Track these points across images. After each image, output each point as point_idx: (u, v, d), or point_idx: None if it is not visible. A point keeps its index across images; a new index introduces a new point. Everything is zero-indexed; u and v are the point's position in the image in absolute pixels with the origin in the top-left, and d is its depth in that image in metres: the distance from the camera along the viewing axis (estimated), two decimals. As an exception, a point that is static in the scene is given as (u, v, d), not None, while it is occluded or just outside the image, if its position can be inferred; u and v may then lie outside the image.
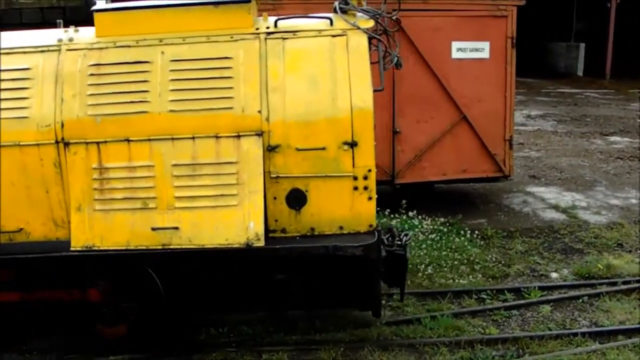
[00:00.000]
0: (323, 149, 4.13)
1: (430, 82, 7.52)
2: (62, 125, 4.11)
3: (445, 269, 6.19)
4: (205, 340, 4.82)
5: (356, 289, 4.63)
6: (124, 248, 4.14)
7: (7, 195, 4.21)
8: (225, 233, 4.10)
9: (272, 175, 4.18)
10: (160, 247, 4.13)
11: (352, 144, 4.13)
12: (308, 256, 4.17)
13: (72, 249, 4.15)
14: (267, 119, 4.10)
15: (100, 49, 4.21)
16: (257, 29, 4.24)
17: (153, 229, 4.13)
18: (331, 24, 4.25)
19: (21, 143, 4.13)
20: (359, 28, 4.20)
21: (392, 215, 7.30)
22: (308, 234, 4.30)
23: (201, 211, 4.13)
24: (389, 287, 5.05)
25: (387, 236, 4.95)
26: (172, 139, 4.11)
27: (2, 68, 4.19)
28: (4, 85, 4.16)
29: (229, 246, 4.08)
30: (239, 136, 4.11)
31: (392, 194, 7.71)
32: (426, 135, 7.60)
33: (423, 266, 6.17)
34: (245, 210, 4.10)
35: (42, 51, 4.23)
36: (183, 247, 4.11)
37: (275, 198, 4.24)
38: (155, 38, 4.22)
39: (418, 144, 7.59)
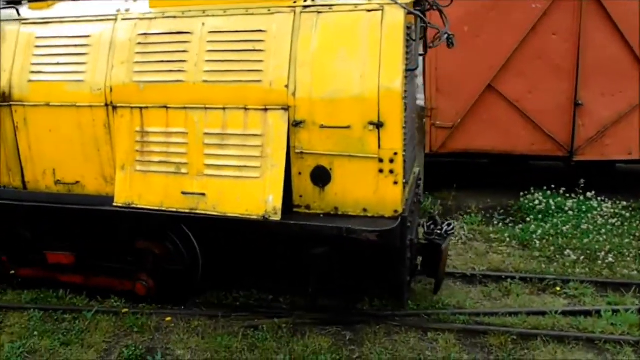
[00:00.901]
0: (348, 127, 4.08)
1: (621, 52, 7.11)
2: (111, 90, 4.51)
3: (629, 258, 5.81)
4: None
5: (380, 274, 4.58)
6: (157, 208, 4.47)
7: (66, 150, 4.74)
8: (245, 204, 4.25)
9: (297, 151, 4.23)
10: (188, 211, 4.39)
11: (378, 125, 4.03)
12: (322, 236, 4.17)
13: (114, 204, 4.57)
14: (294, 94, 4.14)
15: (150, 19, 4.52)
16: (295, 2, 4.26)
17: (183, 193, 4.40)
18: (367, -3, 4.14)
19: (77, 104, 4.60)
20: (396, 3, 4.04)
21: (567, 195, 7.10)
22: (332, 212, 4.32)
23: (226, 180, 4.31)
24: (428, 277, 4.91)
25: (429, 224, 4.82)
26: (205, 108, 4.32)
27: (67, 35, 4.67)
28: (68, 50, 4.65)
29: (248, 217, 4.23)
30: (266, 109, 4.20)
31: (568, 172, 7.49)
32: (612, 110, 7.24)
33: (603, 253, 5.86)
34: (267, 183, 4.21)
35: (102, 20, 4.64)
36: (208, 213, 4.34)
37: (300, 173, 4.30)
38: (200, 9, 4.43)
39: (602, 119, 7.26)
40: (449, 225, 4.84)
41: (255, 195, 4.24)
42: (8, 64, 4.75)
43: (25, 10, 4.93)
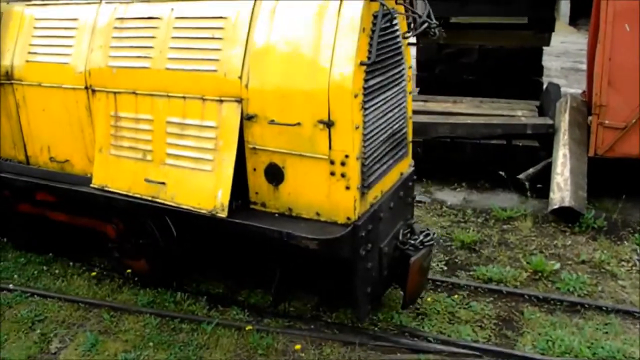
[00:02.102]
0: (298, 124, 3.88)
1: None
2: (90, 74, 4.67)
3: None
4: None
5: (336, 284, 4.37)
6: (125, 193, 4.60)
7: (57, 130, 5.03)
8: (198, 197, 4.23)
9: (250, 146, 4.12)
10: (150, 199, 4.47)
11: (328, 124, 3.78)
12: (266, 238, 4.04)
13: (91, 185, 4.77)
14: (247, 86, 4.01)
15: (128, 3, 4.59)
16: (258, -13, 4.08)
17: (146, 180, 4.48)
18: (330, -16, 3.85)
19: (63, 86, 4.83)
20: (353, -10, 3.72)
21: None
22: (286, 213, 4.17)
23: (184, 171, 4.32)
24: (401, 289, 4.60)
25: (405, 232, 4.49)
26: (168, 96, 4.33)
27: (59, 17, 4.90)
28: (58, 32, 4.88)
29: (199, 210, 4.21)
30: (221, 101, 4.12)
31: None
32: None
33: None
34: (217, 177, 4.15)
35: (89, 3, 4.79)
36: (166, 202, 4.38)
37: (254, 170, 4.19)
38: (169, -7, 4.41)
39: None
40: (426, 235, 4.47)
41: (207, 189, 4.20)
42: (12, 44, 5.10)
43: (28, -7, 5.24)
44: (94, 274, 5.44)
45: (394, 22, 4.13)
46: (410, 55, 4.69)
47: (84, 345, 4.49)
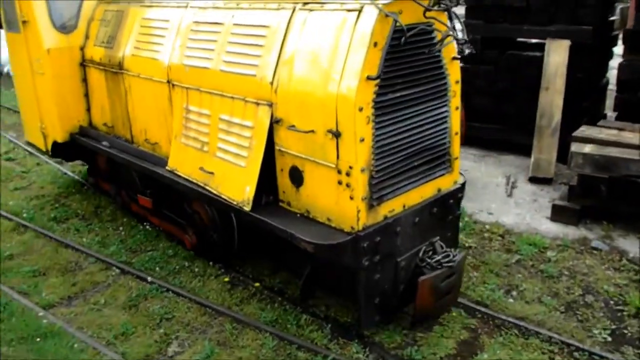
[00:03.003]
0: (312, 132, 4.16)
1: None
2: (171, 70, 5.39)
3: None
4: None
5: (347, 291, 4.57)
6: (187, 177, 5.28)
7: (149, 115, 5.90)
8: (233, 189, 4.74)
9: (278, 148, 4.50)
10: (203, 185, 5.08)
11: (336, 134, 4.01)
12: (277, 236, 4.39)
13: (166, 168, 5.54)
14: (276, 91, 4.37)
15: (204, 8, 5.21)
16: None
17: (200, 169, 5.10)
18: (354, -4, 4.04)
19: (154, 78, 5.64)
20: (372, 3, 3.86)
21: None
22: (305, 214, 4.48)
23: (227, 164, 4.85)
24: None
25: (427, 249, 4.54)
26: (222, 95, 4.87)
27: (157, 18, 5.71)
28: (154, 32, 5.70)
29: (232, 201, 4.71)
30: (257, 103, 4.54)
31: None
32: None
33: None
34: (248, 173, 4.60)
35: (179, 7, 5.52)
36: (212, 190, 4.96)
37: (282, 170, 4.56)
38: (235, 3, 4.93)
39: None
40: (446, 255, 4.43)
41: (240, 183, 4.68)
42: (126, 39, 6.06)
43: (148, -6, 6.14)
44: (227, 279, 5.54)
45: (425, 36, 4.14)
46: (460, 69, 4.62)
47: (200, 354, 4.54)
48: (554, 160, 7.62)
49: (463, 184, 4.93)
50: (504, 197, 7.35)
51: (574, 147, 6.51)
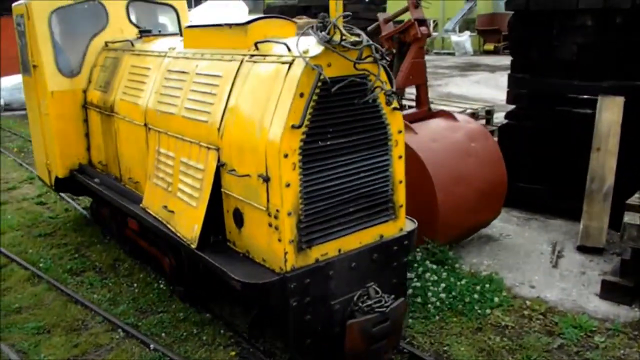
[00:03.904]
0: (248, 176, 4.50)
1: None
2: (147, 114, 5.90)
3: None
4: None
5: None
6: (154, 215, 5.70)
7: (132, 155, 6.42)
8: (185, 227, 5.11)
9: (223, 190, 4.85)
10: (165, 223, 5.49)
11: (266, 179, 4.33)
12: (216, 274, 4.70)
13: (141, 205, 6.00)
14: (222, 137, 4.76)
15: (176, 57, 5.72)
16: (249, 50, 4.81)
17: (163, 207, 5.51)
18: (288, 50, 4.40)
19: (134, 121, 6.17)
20: (300, 56, 4.21)
21: None
22: (246, 254, 4.79)
23: (183, 204, 5.23)
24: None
25: (361, 293, 4.73)
26: (182, 139, 5.30)
27: (140, 65, 6.27)
28: (137, 78, 6.25)
29: (183, 239, 5.08)
30: (208, 147, 4.94)
31: None
32: None
33: None
34: (197, 213, 4.97)
35: (158, 55, 6.07)
36: (172, 228, 5.35)
37: (227, 211, 4.91)
38: (200, 52, 5.40)
39: None
40: (378, 301, 4.60)
41: (191, 222, 5.05)
42: (117, 84, 6.65)
43: (138, 42, 6.73)
44: (233, 353, 5.35)
45: (356, 87, 4.44)
46: (402, 119, 4.88)
47: None
48: (606, 227, 7.18)
49: (411, 232, 5.10)
50: (548, 268, 6.95)
51: (628, 217, 6.01)
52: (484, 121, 11.93)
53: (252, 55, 4.75)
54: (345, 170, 4.56)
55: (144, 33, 6.93)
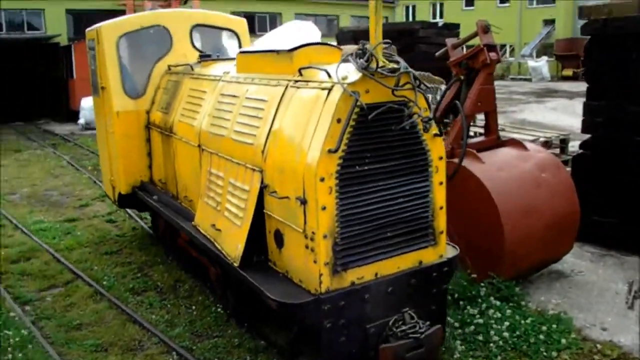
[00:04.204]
0: (287, 198, 4.67)
1: None
2: (200, 135, 6.20)
3: None
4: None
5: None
6: (203, 233, 5.96)
7: (188, 175, 6.73)
8: (230, 246, 5.33)
9: (265, 211, 5.04)
10: (213, 241, 5.73)
11: (303, 201, 4.49)
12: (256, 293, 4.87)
13: (192, 223, 6.29)
14: (265, 160, 4.96)
15: (229, 81, 6.00)
16: (294, 76, 5.01)
17: (211, 226, 5.76)
18: (328, 76, 4.57)
19: (190, 142, 6.48)
20: (338, 82, 4.36)
21: None
22: (285, 274, 4.95)
23: (229, 222, 5.46)
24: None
25: (398, 320, 4.79)
26: (232, 160, 5.54)
27: (197, 88, 6.59)
28: (194, 100, 6.58)
29: (227, 257, 5.30)
30: (253, 169, 5.16)
31: None
32: None
33: None
34: (240, 233, 5.18)
35: (214, 80, 6.37)
36: (218, 246, 5.58)
37: (269, 232, 5.09)
38: (250, 77, 5.65)
39: None
40: (412, 326, 4.63)
41: (235, 240, 5.26)
42: (177, 105, 7.01)
43: (197, 66, 7.08)
44: None
45: (394, 114, 4.53)
46: (443, 146, 4.92)
47: None
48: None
49: (452, 259, 5.11)
50: (623, 309, 6.54)
51: None
52: (558, 150, 11.58)
53: (296, 81, 4.94)
54: (383, 195, 4.65)
55: (204, 57, 7.29)
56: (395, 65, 4.43)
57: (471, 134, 11.10)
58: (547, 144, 10.96)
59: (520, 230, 6.47)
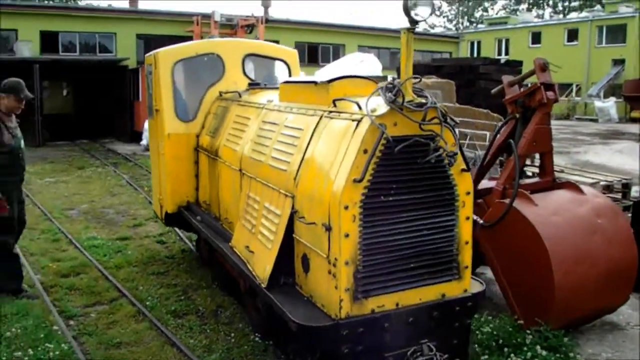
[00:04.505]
0: (314, 224, 4.88)
1: None
2: (242, 160, 6.51)
3: None
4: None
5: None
6: (238, 255, 6.23)
7: (229, 197, 7.03)
8: (260, 267, 5.56)
9: (294, 235, 5.26)
10: (246, 262, 5.99)
11: (328, 228, 4.69)
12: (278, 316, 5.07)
13: (229, 244, 6.57)
14: (297, 186, 5.20)
15: (271, 109, 6.30)
16: (329, 106, 5.26)
17: (245, 247, 6.02)
18: (359, 108, 4.78)
19: (232, 166, 6.80)
20: (367, 115, 4.58)
21: None
22: (309, 298, 5.13)
23: (261, 245, 5.70)
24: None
25: (417, 351, 4.88)
26: (267, 185, 5.81)
27: (242, 115, 6.93)
28: (239, 126, 6.91)
29: (256, 278, 5.53)
30: (286, 195, 5.40)
31: None
32: None
33: None
34: (270, 255, 5.41)
35: (258, 107, 6.69)
36: (250, 267, 5.83)
37: (297, 256, 5.30)
38: (289, 105, 5.94)
39: None
40: (429, 359, 4.71)
41: (264, 262, 5.49)
42: (223, 131, 7.37)
43: (245, 94, 7.44)
44: None
45: (421, 147, 4.69)
46: (471, 181, 5.03)
47: None
48: None
49: (476, 294, 5.17)
50: None
51: None
52: (619, 195, 11.24)
53: (330, 112, 5.19)
54: (407, 226, 4.79)
55: (252, 85, 7.65)
56: (423, 100, 4.61)
57: (529, 173, 11.02)
58: (608, 188, 10.61)
59: (572, 278, 6.27)
